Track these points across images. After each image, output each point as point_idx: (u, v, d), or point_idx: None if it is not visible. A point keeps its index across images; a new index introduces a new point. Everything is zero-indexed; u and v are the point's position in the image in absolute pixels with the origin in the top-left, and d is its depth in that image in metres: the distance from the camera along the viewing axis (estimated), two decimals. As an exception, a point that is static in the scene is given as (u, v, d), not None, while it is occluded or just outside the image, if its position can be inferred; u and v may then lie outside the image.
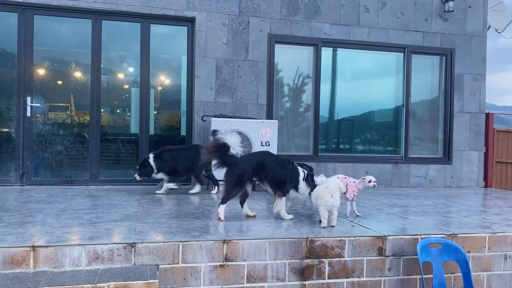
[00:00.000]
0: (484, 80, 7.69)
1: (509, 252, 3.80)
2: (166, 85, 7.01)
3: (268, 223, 3.91)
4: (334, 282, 3.43)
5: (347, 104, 7.60)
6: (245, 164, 3.95)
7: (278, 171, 4.00)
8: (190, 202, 5.05)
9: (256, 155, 4.26)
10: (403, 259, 3.55)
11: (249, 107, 6.69)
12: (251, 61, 6.70)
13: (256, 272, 3.30)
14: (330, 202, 3.72)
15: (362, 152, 7.59)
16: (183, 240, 3.20)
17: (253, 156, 4.24)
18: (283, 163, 4.07)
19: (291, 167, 4.08)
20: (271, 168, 3.99)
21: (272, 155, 4.14)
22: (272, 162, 4.03)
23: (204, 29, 6.53)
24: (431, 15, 7.41)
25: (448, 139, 7.54)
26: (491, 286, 3.76)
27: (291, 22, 6.84)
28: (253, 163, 4.00)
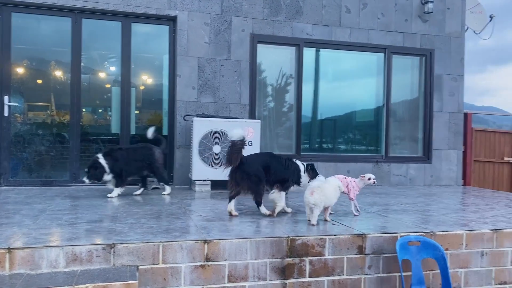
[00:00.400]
0: (463, 80, 7.83)
1: (486, 249, 3.88)
2: (148, 84, 6.96)
3: (250, 223, 3.91)
4: (315, 281, 3.45)
5: (330, 104, 7.66)
6: (258, 165, 4.19)
7: (281, 172, 4.25)
8: (171, 202, 5.02)
9: (261, 156, 4.45)
10: (382, 257, 3.60)
11: (231, 106, 6.69)
12: (234, 60, 6.69)
13: (237, 271, 3.30)
14: (308, 200, 3.80)
15: (344, 152, 7.66)
16: (164, 241, 3.18)
17: (260, 157, 4.38)
18: (286, 164, 4.30)
19: (292, 166, 4.32)
20: (275, 170, 4.22)
21: (276, 157, 4.36)
22: (276, 164, 4.26)
23: (186, 28, 6.50)
24: (411, 16, 7.52)
25: (427, 138, 7.66)
26: (468, 283, 3.83)
27: (273, 22, 6.86)
28: (262, 164, 4.21)
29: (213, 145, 5.93)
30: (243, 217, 4.17)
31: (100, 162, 5.12)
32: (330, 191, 3.89)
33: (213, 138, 5.93)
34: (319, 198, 3.79)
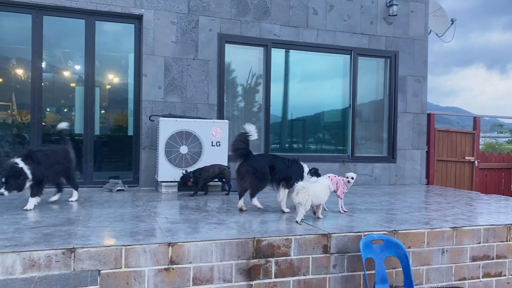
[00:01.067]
0: (426, 82, 8.04)
1: (446, 247, 3.99)
2: (114, 83, 6.81)
3: (216, 225, 3.88)
4: (280, 281, 3.46)
5: (299, 104, 7.72)
6: (264, 163, 4.60)
7: (285, 171, 4.58)
8: (136, 204, 4.93)
9: (267, 157, 4.91)
10: (347, 256, 3.64)
11: (199, 106, 6.63)
12: (201, 60, 6.64)
13: (202, 274, 3.26)
14: (294, 200, 4.03)
15: (312, 151, 7.73)
16: (126, 244, 3.11)
17: (265, 158, 4.84)
18: (289, 163, 4.66)
19: (296, 165, 4.68)
20: (279, 169, 4.57)
21: (279, 158, 4.71)
22: (280, 164, 4.61)
23: (152, 27, 6.40)
24: (376, 18, 7.66)
25: (392, 138, 7.82)
26: (430, 279, 3.93)
27: (241, 22, 6.85)
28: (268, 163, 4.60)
29: (180, 146, 5.86)
30: (210, 219, 4.13)
31: (21, 168, 4.24)
32: (319, 190, 4.11)
33: (180, 139, 5.86)
34: (303, 198, 3.95)
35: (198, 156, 5.94)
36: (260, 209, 4.64)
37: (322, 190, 4.13)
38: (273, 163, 4.61)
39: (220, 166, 5.81)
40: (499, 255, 4.17)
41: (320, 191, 4.11)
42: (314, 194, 4.03)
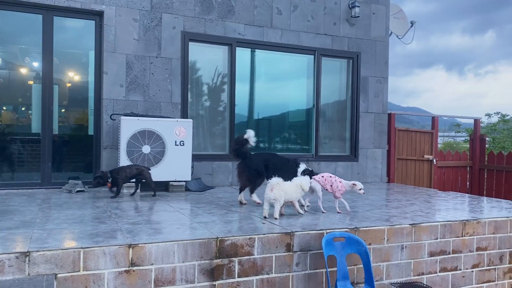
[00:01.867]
0: (387, 82, 8.25)
1: (405, 243, 4.10)
2: (74, 81, 6.61)
3: (178, 225, 3.83)
4: (244, 281, 3.45)
5: (265, 104, 7.74)
6: (259, 161, 4.97)
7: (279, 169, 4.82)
8: (96, 205, 4.80)
9: (263, 156, 5.25)
10: (310, 254, 3.68)
11: (162, 105, 6.53)
12: (164, 58, 6.54)
13: (164, 275, 3.21)
14: (269, 196, 4.12)
15: (277, 151, 7.76)
16: (85, 247, 3.02)
17: (262, 156, 5.15)
18: (284, 162, 4.98)
19: (291, 164, 4.96)
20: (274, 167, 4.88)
21: (277, 156, 5.10)
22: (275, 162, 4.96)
23: (113, 23, 6.25)
24: (339, 19, 7.79)
25: (354, 137, 7.98)
26: (390, 275, 4.03)
27: (205, 21, 6.79)
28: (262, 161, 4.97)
29: (142, 146, 5.75)
30: (173, 219, 4.08)
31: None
32: (289, 187, 4.20)
33: (142, 138, 5.75)
34: (278, 194, 4.08)
35: (161, 156, 5.85)
36: (259, 204, 4.89)
37: (293, 188, 4.22)
38: (268, 161, 4.98)
39: (138, 167, 5.46)
40: (455, 250, 4.33)
41: (290, 189, 4.20)
42: (286, 191, 4.15)
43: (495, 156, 9.14)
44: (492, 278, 4.55)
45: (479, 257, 4.46)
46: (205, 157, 6.88)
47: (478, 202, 5.88)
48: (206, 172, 6.80)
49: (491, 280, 4.53)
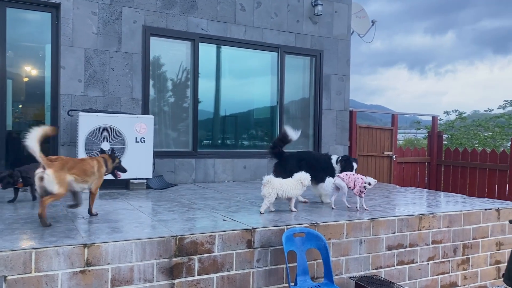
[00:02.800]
0: (349, 80, 8.38)
1: (364, 237, 4.18)
2: (30, 76, 6.35)
3: (137, 223, 3.75)
4: (203, 278, 3.42)
5: (231, 101, 7.71)
6: (293, 161, 5.02)
7: (311, 167, 4.80)
8: (52, 204, 4.62)
9: (298, 155, 5.28)
10: (270, 250, 3.69)
11: (122, 101, 6.38)
12: (125, 53, 6.39)
13: (121, 275, 3.14)
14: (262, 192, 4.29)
15: (242, 148, 7.76)
16: (37, 247, 2.91)
17: (297, 156, 5.21)
18: (318, 159, 5.06)
19: (323, 160, 5.03)
20: (308, 166, 4.79)
21: (311, 154, 5.20)
22: (308, 161, 4.96)
23: (71, 16, 6.04)
24: (302, 17, 7.84)
25: (317, 134, 8.07)
26: (349, 269, 4.10)
27: (167, 15, 6.68)
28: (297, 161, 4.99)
29: (101, 142, 5.60)
30: (131, 219, 3.99)
31: None
32: (287, 184, 4.31)
33: (101, 135, 5.60)
34: (267, 191, 4.24)
35: (121, 153, 5.71)
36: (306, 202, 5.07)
37: (292, 184, 4.33)
38: (302, 159, 5.03)
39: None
40: (411, 244, 4.46)
41: (287, 185, 4.30)
42: (281, 188, 4.26)
43: (452, 152, 9.48)
44: (447, 270, 4.71)
45: (434, 250, 4.61)
46: (168, 154, 6.78)
47: (434, 196, 6.07)
48: (168, 170, 6.71)
49: (445, 272, 4.70)
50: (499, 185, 8.26)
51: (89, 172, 3.85)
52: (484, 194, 8.33)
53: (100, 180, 4.00)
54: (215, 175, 7.11)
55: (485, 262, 4.99)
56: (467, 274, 4.86)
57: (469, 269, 4.87)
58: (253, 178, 7.40)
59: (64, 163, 3.68)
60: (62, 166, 3.63)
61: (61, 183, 3.55)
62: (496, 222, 5.05)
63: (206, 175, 7.06)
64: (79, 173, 3.76)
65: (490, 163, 8.47)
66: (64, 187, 3.58)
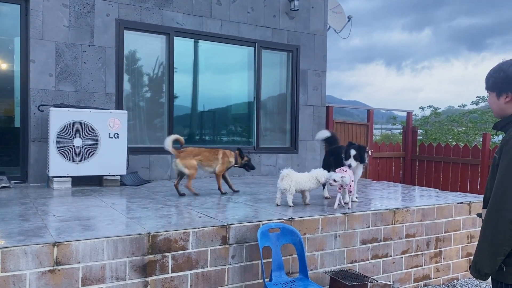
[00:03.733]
0: (325, 76, 8.42)
1: (339, 232, 4.20)
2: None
3: (110, 221, 3.68)
4: (178, 276, 3.38)
5: (208, 96, 7.65)
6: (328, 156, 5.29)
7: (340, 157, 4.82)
8: (22, 202, 4.50)
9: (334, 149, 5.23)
10: (245, 246, 3.67)
11: (95, 96, 6.24)
12: (98, 46, 6.25)
13: (92, 274, 3.07)
14: (279, 185, 4.43)
15: (219, 143, 7.71)
16: (3, 247, 2.81)
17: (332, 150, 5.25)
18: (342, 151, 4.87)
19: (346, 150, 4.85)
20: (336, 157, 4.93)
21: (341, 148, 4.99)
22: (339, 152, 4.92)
23: (40, 8, 5.86)
24: (279, 12, 7.82)
25: (294, 130, 8.09)
26: (324, 264, 4.12)
27: (141, 9, 6.56)
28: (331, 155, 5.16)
29: (73, 138, 5.47)
30: (103, 216, 3.91)
31: None
32: (304, 178, 4.43)
33: (73, 131, 5.47)
34: (287, 184, 4.37)
35: (94, 149, 5.60)
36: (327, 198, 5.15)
37: (307, 179, 4.45)
38: (334, 153, 5.09)
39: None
40: (385, 238, 4.51)
41: (303, 179, 4.44)
42: (297, 181, 4.40)
43: (426, 147, 9.64)
44: (420, 263, 4.79)
45: (408, 244, 4.67)
46: (142, 150, 6.68)
47: (409, 191, 6.16)
48: (143, 166, 6.61)
49: (418, 265, 4.78)
50: (471, 179, 8.45)
51: (211, 158, 5.02)
52: (457, 188, 8.51)
53: (222, 165, 5.11)
54: (191, 171, 7.02)
55: (457, 255, 5.10)
56: (439, 266, 4.95)
57: (442, 262, 4.97)
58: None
59: (189, 153, 4.95)
60: (187, 155, 4.91)
61: (188, 167, 4.89)
62: (468, 215, 5.16)
63: (182, 171, 6.98)
64: (203, 159, 4.97)
65: (462, 158, 8.66)
66: (191, 169, 4.90)
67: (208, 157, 5.04)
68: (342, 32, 9.54)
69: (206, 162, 5.02)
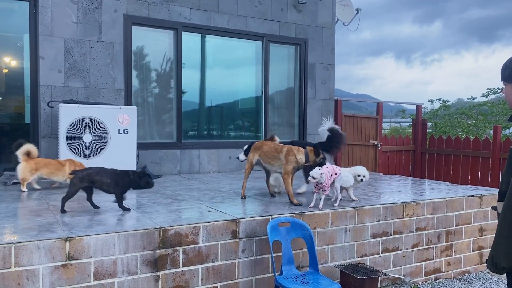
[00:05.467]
0: (333, 69, 8.37)
1: (349, 226, 4.19)
2: (9, 67, 6.21)
3: (120, 216, 3.70)
4: (188, 270, 3.40)
5: (215, 91, 7.64)
6: None
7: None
8: (34, 198, 4.55)
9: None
10: (255, 240, 3.68)
11: (104, 92, 6.27)
12: (106, 42, 6.26)
13: (104, 268, 3.09)
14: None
15: (227, 138, 7.72)
16: (16, 242, 2.84)
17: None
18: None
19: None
20: None
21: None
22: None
23: (49, 5, 5.88)
24: (287, 5, 7.77)
25: (303, 123, 8.06)
26: (334, 258, 4.12)
27: (148, 4, 6.55)
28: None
29: (83, 134, 5.50)
30: (114, 211, 3.93)
31: None
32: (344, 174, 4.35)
33: (83, 126, 5.49)
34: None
35: (104, 145, 5.63)
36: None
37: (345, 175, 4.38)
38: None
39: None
40: (396, 231, 4.49)
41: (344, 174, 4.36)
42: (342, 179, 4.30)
43: (436, 140, 9.57)
44: (431, 257, 4.76)
45: (418, 237, 4.65)
46: (152, 145, 6.71)
47: (419, 184, 6.12)
48: (152, 161, 6.64)
49: (429, 259, 4.75)
50: (482, 172, 8.38)
51: (270, 155, 4.47)
52: (467, 181, 8.44)
53: (287, 166, 4.29)
54: (200, 166, 7.06)
55: (468, 248, 5.06)
56: (450, 260, 4.92)
57: (453, 255, 4.94)
58: (238, 169, 7.37)
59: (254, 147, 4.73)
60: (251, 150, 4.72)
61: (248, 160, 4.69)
62: (479, 208, 5.11)
63: (191, 166, 7.01)
64: (262, 155, 4.56)
65: (473, 151, 8.58)
66: (249, 163, 4.66)
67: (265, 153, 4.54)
68: (350, 25, 9.46)
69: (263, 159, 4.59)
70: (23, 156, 4.87)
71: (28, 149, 4.88)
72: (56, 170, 4.94)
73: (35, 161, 4.93)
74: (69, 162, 5.02)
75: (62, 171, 4.93)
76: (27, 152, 4.89)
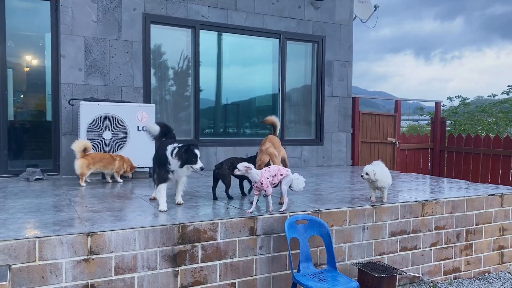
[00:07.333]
0: (351, 66, 8.31)
1: (367, 224, 4.18)
2: (31, 65, 6.33)
3: (140, 212, 3.76)
4: (207, 266, 3.43)
5: (232, 89, 7.67)
6: None
7: None
8: (55, 194, 4.65)
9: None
10: (273, 237, 3.69)
11: (124, 90, 6.35)
12: (125, 41, 6.34)
13: (125, 263, 3.15)
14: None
15: (244, 136, 7.74)
16: (40, 236, 2.92)
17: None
18: None
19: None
20: None
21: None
22: None
23: (70, 4, 5.99)
24: (304, 3, 7.75)
25: (320, 121, 8.04)
26: (352, 256, 4.11)
27: (167, 2, 6.61)
28: None
29: (103, 131, 5.59)
30: (134, 207, 4.00)
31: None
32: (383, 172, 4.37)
33: (103, 124, 5.59)
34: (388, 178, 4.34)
35: (123, 142, 5.71)
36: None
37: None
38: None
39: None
40: (414, 230, 4.45)
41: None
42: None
43: (455, 138, 9.43)
44: (450, 256, 4.71)
45: (437, 236, 4.60)
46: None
47: (438, 183, 6.05)
48: (170, 158, 6.69)
49: (448, 258, 4.70)
50: (502, 171, 8.24)
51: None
52: (487, 180, 8.31)
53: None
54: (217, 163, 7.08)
55: (488, 248, 4.99)
56: (470, 259, 4.86)
57: (472, 255, 4.88)
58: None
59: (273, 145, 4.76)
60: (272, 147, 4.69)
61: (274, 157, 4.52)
62: (500, 207, 5.04)
63: (208, 163, 7.04)
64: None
65: (493, 149, 8.43)
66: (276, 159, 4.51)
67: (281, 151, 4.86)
68: (369, 22, 9.39)
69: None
70: (80, 152, 5.08)
71: (84, 145, 5.09)
72: (108, 164, 5.33)
73: (91, 155, 5.16)
74: (119, 157, 5.40)
75: (113, 164, 5.37)
76: (84, 148, 5.09)
